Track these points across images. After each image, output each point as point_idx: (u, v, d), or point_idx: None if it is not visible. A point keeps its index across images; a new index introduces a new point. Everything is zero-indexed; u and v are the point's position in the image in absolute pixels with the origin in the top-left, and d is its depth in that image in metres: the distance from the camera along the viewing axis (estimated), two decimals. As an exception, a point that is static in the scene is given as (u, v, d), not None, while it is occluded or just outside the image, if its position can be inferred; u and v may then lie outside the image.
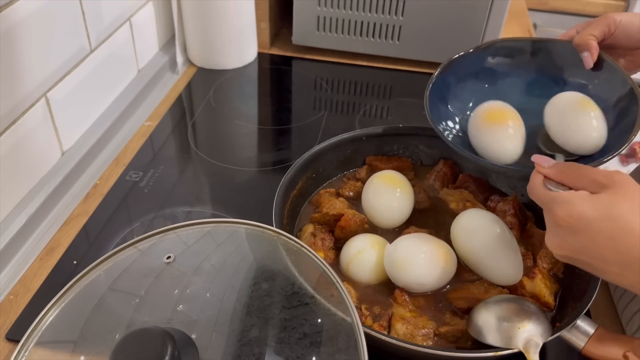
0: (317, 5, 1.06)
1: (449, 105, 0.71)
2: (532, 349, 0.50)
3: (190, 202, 0.78)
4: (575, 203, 0.45)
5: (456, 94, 0.71)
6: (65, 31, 0.76)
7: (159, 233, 0.51)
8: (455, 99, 0.71)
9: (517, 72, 0.71)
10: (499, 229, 0.62)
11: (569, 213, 0.45)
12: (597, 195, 0.45)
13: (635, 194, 0.44)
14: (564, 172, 0.49)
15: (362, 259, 0.63)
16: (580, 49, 0.64)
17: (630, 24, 0.63)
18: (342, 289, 0.47)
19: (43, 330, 0.45)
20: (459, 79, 0.71)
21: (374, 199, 0.69)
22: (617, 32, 0.64)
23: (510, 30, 1.28)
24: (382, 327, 0.57)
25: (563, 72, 0.68)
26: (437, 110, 0.69)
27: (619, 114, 0.62)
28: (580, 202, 0.45)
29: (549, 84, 0.69)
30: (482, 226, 0.63)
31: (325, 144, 0.74)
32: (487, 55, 0.72)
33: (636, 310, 0.63)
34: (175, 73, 1.07)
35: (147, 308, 0.47)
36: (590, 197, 0.45)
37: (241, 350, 0.44)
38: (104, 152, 0.86)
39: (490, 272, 0.62)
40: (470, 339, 0.56)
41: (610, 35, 0.64)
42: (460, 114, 0.71)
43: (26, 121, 0.70)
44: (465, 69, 0.71)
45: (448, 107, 0.71)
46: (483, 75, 0.72)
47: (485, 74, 0.72)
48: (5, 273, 0.67)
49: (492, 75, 0.72)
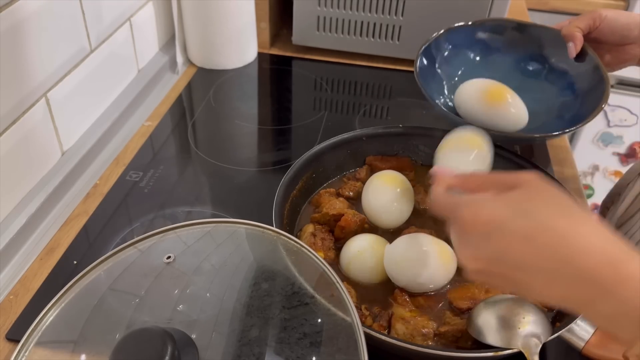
0: (317, 5, 1.06)
1: (438, 69, 0.75)
2: (532, 349, 0.50)
3: (190, 202, 0.78)
4: (483, 203, 0.41)
5: (448, 60, 0.76)
6: (65, 31, 0.76)
7: (159, 233, 0.51)
8: (446, 64, 0.76)
9: (507, 50, 0.76)
10: None
11: (477, 214, 0.40)
12: (506, 194, 0.40)
13: (547, 189, 0.40)
14: (469, 179, 0.47)
15: (362, 259, 0.63)
16: (566, 39, 0.69)
17: (615, 20, 0.67)
18: (342, 289, 0.47)
19: (43, 330, 0.45)
20: (454, 46, 0.76)
21: (374, 199, 0.69)
22: (602, 26, 0.68)
23: (510, 30, 1.28)
24: (382, 327, 0.57)
25: (549, 57, 0.74)
26: (425, 71, 0.73)
27: (588, 97, 0.67)
28: (487, 201, 0.40)
29: (535, 65, 0.76)
30: None
31: (325, 144, 0.74)
32: (482, 30, 0.77)
33: None
34: (175, 73, 1.07)
35: (147, 308, 0.47)
36: (499, 196, 0.41)
37: (241, 350, 0.44)
38: (104, 152, 0.86)
39: None
40: (470, 339, 0.56)
41: (595, 29, 0.68)
42: (449, 80, 0.76)
43: (26, 121, 0.70)
44: (460, 39, 0.76)
45: (437, 70, 0.75)
46: (476, 48, 0.77)
47: (478, 47, 0.77)
48: (5, 273, 0.67)
49: (485, 49, 0.77)
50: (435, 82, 0.75)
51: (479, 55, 0.77)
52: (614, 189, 0.77)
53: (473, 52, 0.77)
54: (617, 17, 0.68)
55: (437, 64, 0.75)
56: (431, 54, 0.75)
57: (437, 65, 0.75)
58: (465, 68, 0.76)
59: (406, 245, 0.61)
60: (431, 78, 0.74)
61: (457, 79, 0.75)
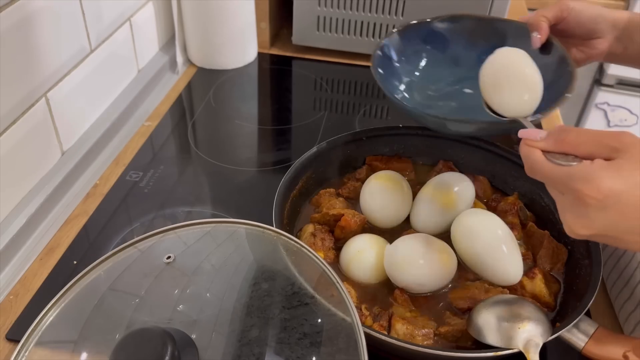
0: (317, 5, 1.06)
1: (397, 64, 0.74)
2: (532, 349, 0.50)
3: (190, 202, 0.78)
4: (601, 176, 0.41)
5: (408, 56, 0.74)
6: (65, 31, 0.76)
7: (159, 233, 0.51)
8: (405, 60, 0.74)
9: (469, 44, 0.74)
10: (500, 229, 0.62)
11: (598, 188, 0.41)
12: (616, 162, 0.41)
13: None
14: (565, 140, 0.44)
15: (362, 259, 0.63)
16: (531, 28, 0.66)
17: (581, 12, 0.66)
18: (342, 289, 0.47)
19: (43, 330, 0.45)
20: (413, 42, 0.74)
21: (371, 199, 0.69)
22: (569, 18, 0.66)
23: (510, 30, 1.28)
24: (382, 327, 0.57)
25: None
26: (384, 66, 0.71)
27: (553, 88, 0.63)
28: (605, 174, 0.41)
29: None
30: (482, 226, 0.63)
31: (325, 144, 0.74)
32: (443, 26, 0.75)
33: (632, 310, 0.63)
34: (175, 73, 1.07)
35: (147, 308, 0.47)
36: (612, 166, 0.41)
37: (241, 350, 0.44)
38: (104, 152, 0.86)
39: (490, 272, 0.62)
40: (470, 339, 0.56)
41: (562, 20, 0.66)
42: (408, 75, 0.74)
43: (26, 121, 0.70)
44: (421, 35, 0.74)
45: (396, 64, 0.73)
46: (438, 43, 0.75)
47: (438, 42, 0.75)
48: (5, 273, 0.67)
49: (445, 44, 0.75)
50: (395, 77, 0.73)
51: (440, 51, 0.75)
52: None
53: (433, 48, 0.75)
54: (584, 10, 0.67)
55: (395, 60, 0.74)
56: (389, 49, 0.74)
57: (395, 60, 0.74)
58: (426, 63, 0.75)
59: (406, 246, 0.61)
60: (390, 73, 0.73)
61: (417, 73, 0.74)
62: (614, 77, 1.77)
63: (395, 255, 0.61)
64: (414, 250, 0.61)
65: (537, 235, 0.67)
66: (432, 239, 0.63)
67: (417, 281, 0.60)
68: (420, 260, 0.60)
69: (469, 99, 0.70)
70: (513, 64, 0.59)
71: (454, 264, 0.62)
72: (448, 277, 0.62)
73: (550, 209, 0.69)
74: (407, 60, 0.75)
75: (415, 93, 0.73)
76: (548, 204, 0.70)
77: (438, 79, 0.74)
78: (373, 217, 0.69)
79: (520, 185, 0.73)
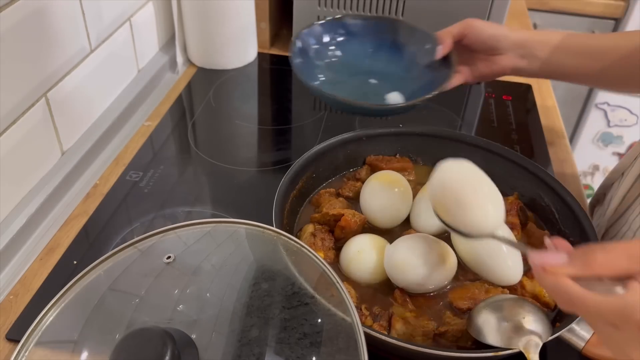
0: (317, 5, 1.06)
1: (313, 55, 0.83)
2: (532, 349, 0.50)
3: (190, 202, 0.78)
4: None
5: (324, 49, 0.84)
6: (65, 31, 0.76)
7: (159, 233, 0.51)
8: (322, 53, 0.84)
9: (381, 43, 0.85)
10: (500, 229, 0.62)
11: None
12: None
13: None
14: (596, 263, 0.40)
15: (362, 259, 0.63)
16: (438, 42, 0.76)
17: (482, 30, 0.75)
18: (342, 289, 0.47)
19: (43, 330, 0.45)
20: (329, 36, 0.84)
21: (371, 199, 0.69)
22: (470, 35, 0.75)
23: (510, 30, 1.28)
24: (382, 327, 0.57)
25: (417, 53, 0.82)
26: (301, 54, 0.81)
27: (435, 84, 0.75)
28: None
29: (404, 58, 0.84)
30: None
31: (325, 144, 0.74)
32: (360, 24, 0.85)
33: None
34: (175, 73, 1.07)
35: (147, 308, 0.47)
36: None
37: (241, 350, 0.44)
38: (104, 152, 0.86)
39: (490, 273, 0.62)
40: (471, 339, 0.56)
41: (465, 36, 0.75)
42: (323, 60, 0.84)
43: (26, 121, 0.70)
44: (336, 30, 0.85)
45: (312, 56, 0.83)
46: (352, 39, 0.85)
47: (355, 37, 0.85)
48: (5, 273, 0.67)
49: (360, 40, 0.85)
50: (311, 66, 0.82)
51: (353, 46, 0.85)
52: (600, 189, 0.78)
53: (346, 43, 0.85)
54: (484, 28, 0.75)
55: (311, 52, 0.83)
56: (307, 41, 0.83)
57: (312, 51, 0.83)
58: (340, 56, 0.85)
59: (406, 246, 0.61)
60: (307, 63, 0.81)
61: (331, 64, 0.84)
62: (614, 77, 1.77)
63: (395, 255, 0.61)
64: (414, 251, 0.61)
65: (537, 235, 0.67)
66: (432, 239, 0.63)
67: (417, 281, 0.60)
68: (420, 260, 0.60)
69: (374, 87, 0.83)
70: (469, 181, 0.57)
71: (454, 264, 0.62)
72: (448, 277, 0.62)
73: (550, 209, 0.69)
74: (322, 52, 0.84)
75: (328, 81, 0.83)
76: (548, 204, 0.70)
77: (350, 70, 0.84)
78: (373, 217, 0.69)
79: (520, 185, 0.73)
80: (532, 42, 0.74)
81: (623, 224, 0.67)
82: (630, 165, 0.70)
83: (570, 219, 0.66)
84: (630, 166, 0.69)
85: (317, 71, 0.82)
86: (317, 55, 0.83)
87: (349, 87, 0.82)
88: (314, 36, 0.83)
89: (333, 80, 0.83)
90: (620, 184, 0.69)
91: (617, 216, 0.69)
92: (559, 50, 0.74)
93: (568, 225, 0.66)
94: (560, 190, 0.68)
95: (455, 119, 0.99)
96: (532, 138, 0.94)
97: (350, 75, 0.84)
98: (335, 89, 0.80)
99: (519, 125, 0.97)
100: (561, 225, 0.68)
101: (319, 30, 0.83)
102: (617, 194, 0.69)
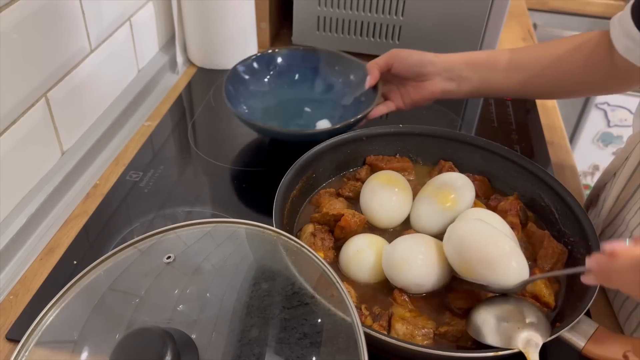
0: (317, 5, 1.06)
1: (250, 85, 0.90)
2: (532, 349, 0.50)
3: (190, 202, 0.78)
4: None
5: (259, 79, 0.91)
6: (65, 31, 0.76)
7: (159, 233, 0.51)
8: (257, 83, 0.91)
9: (315, 73, 0.93)
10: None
11: None
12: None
13: None
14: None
15: (361, 259, 0.63)
16: (367, 72, 0.82)
17: (407, 58, 0.79)
18: (342, 289, 0.47)
19: (43, 330, 0.45)
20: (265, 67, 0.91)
21: (371, 199, 0.69)
22: (396, 64, 0.79)
23: (510, 30, 1.28)
24: (382, 327, 0.57)
25: (350, 83, 0.89)
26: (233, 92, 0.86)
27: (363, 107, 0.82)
28: None
29: (337, 88, 0.91)
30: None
31: (325, 144, 0.74)
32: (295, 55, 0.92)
33: (632, 309, 0.63)
34: (175, 73, 1.07)
35: (147, 308, 0.47)
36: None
37: (241, 350, 0.44)
38: (104, 152, 0.86)
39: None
40: (471, 339, 0.56)
41: (391, 65, 0.80)
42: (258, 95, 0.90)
43: (26, 121, 0.70)
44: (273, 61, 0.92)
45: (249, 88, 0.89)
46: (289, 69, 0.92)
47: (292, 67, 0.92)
48: (5, 273, 0.67)
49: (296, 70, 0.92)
50: (246, 95, 0.88)
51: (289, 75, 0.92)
52: (593, 190, 0.78)
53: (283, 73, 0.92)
54: (409, 56, 0.79)
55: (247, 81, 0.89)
56: (243, 71, 0.89)
57: (247, 81, 0.89)
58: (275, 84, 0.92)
59: (404, 247, 0.61)
60: (242, 92, 0.88)
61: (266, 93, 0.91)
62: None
63: (394, 256, 0.61)
64: (412, 251, 0.61)
65: (537, 235, 0.67)
66: (430, 239, 0.63)
67: (416, 282, 0.60)
68: (418, 260, 0.60)
69: (307, 115, 0.90)
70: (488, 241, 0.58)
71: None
72: (446, 276, 0.62)
73: (550, 209, 0.69)
74: (257, 83, 0.90)
75: (262, 109, 0.90)
76: (548, 204, 0.70)
77: (285, 99, 0.91)
78: (373, 217, 0.69)
79: (520, 185, 0.73)
80: (459, 64, 0.78)
81: (620, 224, 0.67)
82: (621, 165, 0.70)
83: (570, 219, 0.66)
84: (621, 166, 0.70)
85: (250, 101, 0.88)
86: (251, 85, 0.89)
87: (284, 116, 0.89)
88: (248, 68, 0.89)
89: (267, 109, 0.90)
90: (613, 185, 0.70)
91: (612, 216, 0.69)
92: (485, 69, 0.77)
93: (568, 225, 0.66)
94: (560, 190, 0.68)
95: (455, 119, 0.99)
96: (532, 138, 0.94)
97: (284, 105, 0.91)
98: (268, 117, 0.88)
99: (519, 125, 0.97)
100: (561, 225, 0.68)
101: (253, 62, 0.90)
102: (610, 195, 0.69)
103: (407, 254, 0.60)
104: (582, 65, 0.72)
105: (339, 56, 0.91)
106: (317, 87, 0.93)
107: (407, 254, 0.60)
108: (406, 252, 0.61)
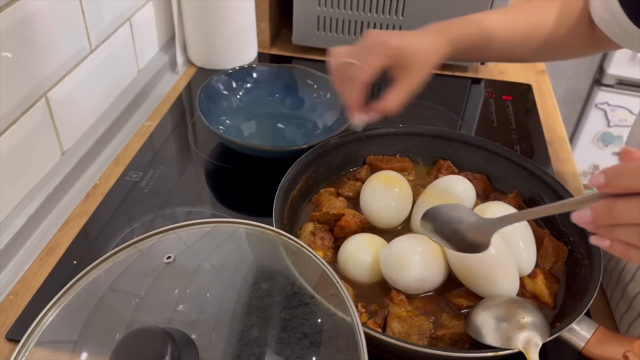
0: (317, 5, 1.06)
1: (223, 100, 0.90)
2: (532, 349, 0.50)
3: (190, 202, 0.78)
4: None
5: (233, 94, 0.91)
6: (65, 31, 0.76)
7: (159, 233, 0.51)
8: (232, 97, 0.91)
9: (288, 89, 0.93)
10: None
11: None
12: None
13: None
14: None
15: (358, 259, 0.63)
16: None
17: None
18: (342, 289, 0.47)
19: (43, 330, 0.45)
20: (239, 83, 0.92)
21: (371, 199, 0.69)
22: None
23: (510, 30, 1.28)
24: (377, 325, 0.57)
25: (322, 98, 0.90)
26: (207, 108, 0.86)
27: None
28: None
29: (310, 103, 0.92)
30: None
31: (325, 144, 0.74)
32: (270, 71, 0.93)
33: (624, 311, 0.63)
34: (175, 73, 1.07)
35: (147, 308, 0.47)
36: None
37: (241, 350, 0.44)
38: (104, 152, 0.86)
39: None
40: (468, 342, 0.56)
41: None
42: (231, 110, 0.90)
43: (26, 121, 0.70)
44: (247, 77, 0.93)
45: (222, 104, 0.89)
46: (263, 86, 0.93)
47: (265, 85, 0.93)
48: (5, 273, 0.67)
49: (267, 85, 0.93)
50: (220, 111, 0.88)
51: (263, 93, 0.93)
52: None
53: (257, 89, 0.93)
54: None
55: (219, 98, 0.89)
56: (215, 88, 0.89)
57: (221, 96, 0.90)
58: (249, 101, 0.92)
59: (401, 247, 0.61)
60: (215, 107, 0.88)
61: (240, 108, 0.91)
62: (614, 77, 1.77)
63: (390, 257, 0.61)
64: (410, 251, 0.60)
65: (537, 234, 0.67)
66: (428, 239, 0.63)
67: (412, 282, 0.60)
68: (415, 260, 0.59)
69: (281, 131, 0.91)
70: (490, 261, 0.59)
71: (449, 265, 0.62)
72: (445, 277, 0.62)
73: (550, 209, 0.69)
74: (231, 99, 0.91)
75: (235, 126, 0.89)
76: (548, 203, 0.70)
77: (258, 115, 0.92)
78: (373, 217, 0.69)
79: (520, 185, 0.73)
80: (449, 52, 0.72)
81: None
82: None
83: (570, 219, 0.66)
84: None
85: (224, 117, 0.88)
86: (225, 101, 0.90)
87: (259, 132, 0.90)
88: (223, 83, 0.90)
89: (240, 125, 0.90)
90: None
91: None
92: (476, 51, 0.75)
93: (568, 225, 0.66)
94: (560, 190, 0.68)
95: (455, 119, 0.99)
96: (532, 138, 0.94)
97: (258, 121, 0.91)
98: (242, 134, 0.88)
99: (519, 125, 0.97)
100: (561, 225, 0.68)
101: (227, 78, 0.90)
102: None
103: (404, 254, 0.60)
104: (565, 34, 0.71)
105: (314, 73, 0.91)
106: (290, 102, 0.93)
107: (404, 255, 0.60)
108: (403, 253, 0.60)
